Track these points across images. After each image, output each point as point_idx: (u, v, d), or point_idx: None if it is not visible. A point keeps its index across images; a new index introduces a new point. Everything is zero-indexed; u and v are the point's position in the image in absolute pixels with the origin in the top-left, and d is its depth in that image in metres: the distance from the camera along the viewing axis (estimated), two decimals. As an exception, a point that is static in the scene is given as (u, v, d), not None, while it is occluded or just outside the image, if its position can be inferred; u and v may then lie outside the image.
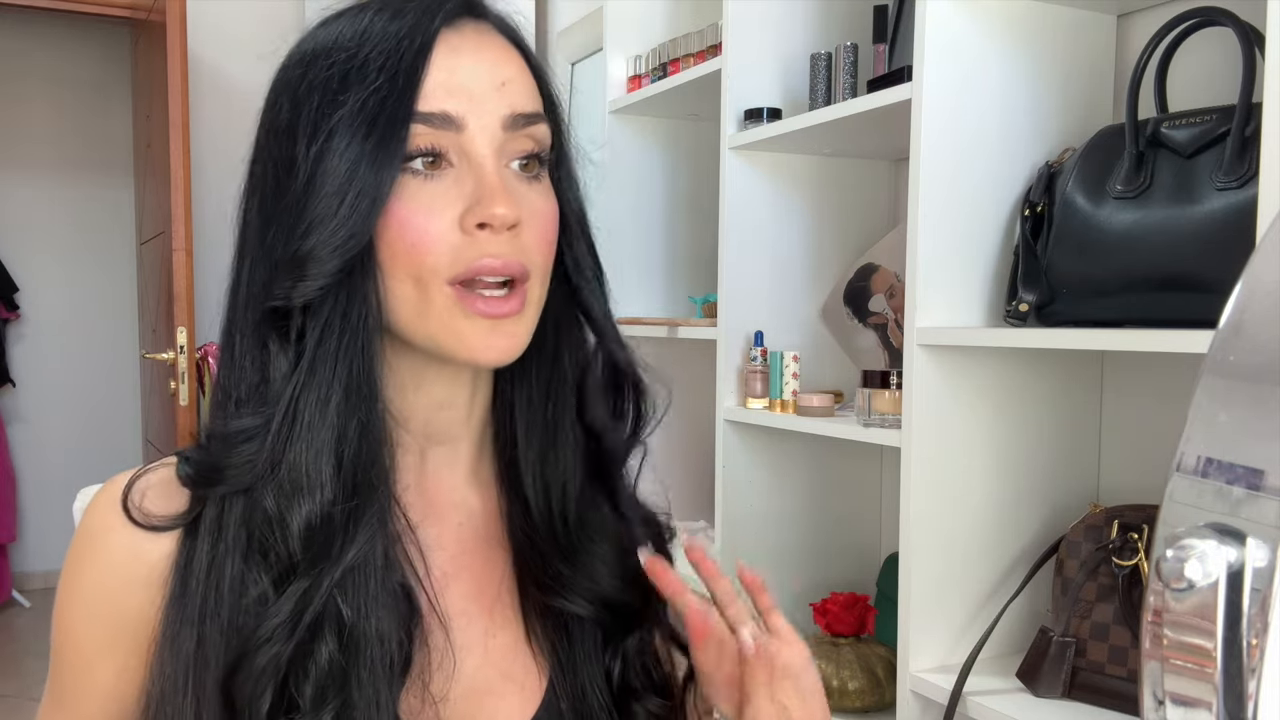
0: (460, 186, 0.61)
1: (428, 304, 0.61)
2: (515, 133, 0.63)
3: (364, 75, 0.60)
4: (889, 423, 1.34)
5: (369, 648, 0.60)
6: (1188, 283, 1.04)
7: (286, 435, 0.60)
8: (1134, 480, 1.32)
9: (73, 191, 4.23)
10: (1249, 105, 1.02)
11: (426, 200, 0.60)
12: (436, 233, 0.60)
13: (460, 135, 0.61)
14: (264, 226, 0.62)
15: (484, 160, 0.61)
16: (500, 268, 0.61)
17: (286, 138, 0.62)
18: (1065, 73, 1.29)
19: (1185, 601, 0.37)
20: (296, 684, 0.59)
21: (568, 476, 0.70)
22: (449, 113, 0.61)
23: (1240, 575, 0.36)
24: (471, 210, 0.60)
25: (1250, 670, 0.36)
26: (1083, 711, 1.14)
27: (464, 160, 0.61)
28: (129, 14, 3.42)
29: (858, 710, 1.50)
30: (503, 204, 0.60)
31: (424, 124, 0.60)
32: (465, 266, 0.60)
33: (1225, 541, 0.36)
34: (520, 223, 0.61)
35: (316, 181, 0.60)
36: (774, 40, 1.64)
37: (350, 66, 0.60)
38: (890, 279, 1.61)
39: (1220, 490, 0.38)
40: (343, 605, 0.60)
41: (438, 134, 0.60)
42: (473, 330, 0.61)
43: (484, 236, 0.60)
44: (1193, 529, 0.37)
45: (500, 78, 0.62)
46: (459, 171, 0.61)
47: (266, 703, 0.58)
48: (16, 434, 4.18)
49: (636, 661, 0.71)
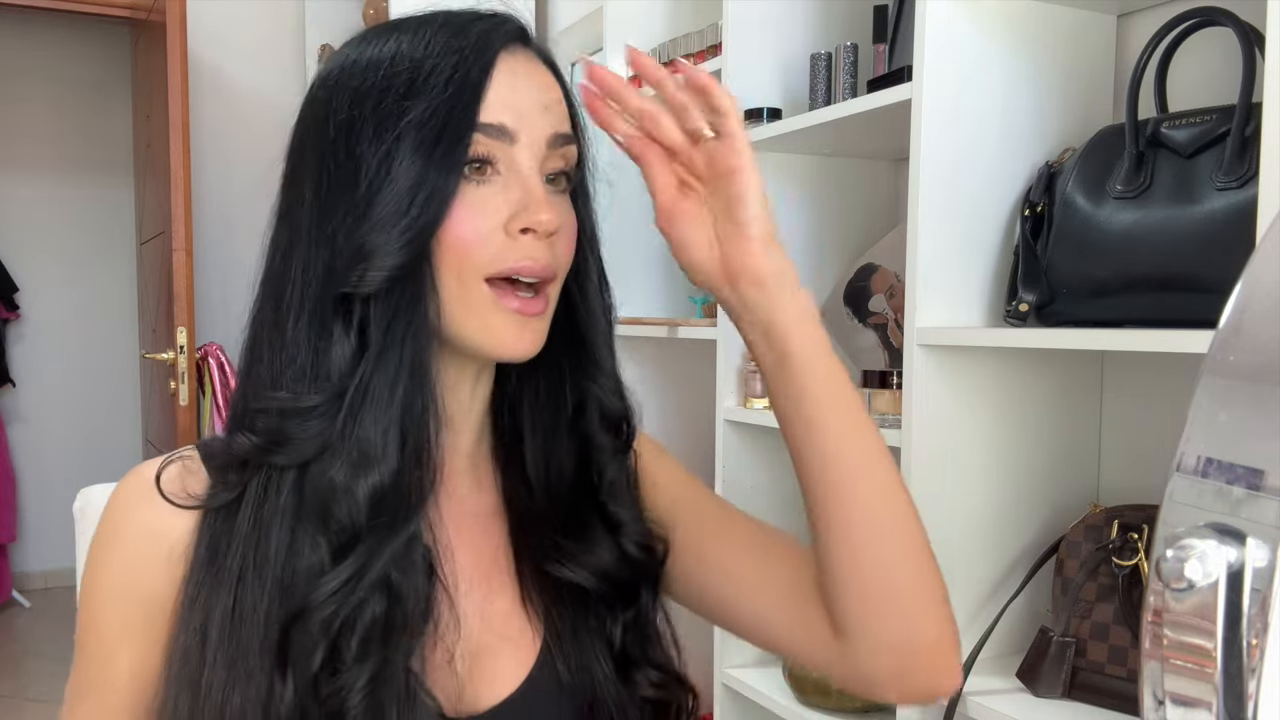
0: (507, 194, 0.67)
1: (467, 298, 0.66)
2: (554, 151, 0.69)
3: (431, 85, 0.65)
4: (889, 423, 1.34)
5: (406, 608, 0.65)
6: (1188, 283, 1.04)
7: (358, 412, 0.65)
8: (1134, 480, 1.32)
9: (73, 191, 4.23)
10: (1249, 105, 1.02)
11: (478, 203, 0.66)
12: (485, 233, 0.66)
13: (512, 147, 0.67)
14: (323, 217, 0.67)
15: (530, 172, 0.68)
16: (538, 270, 0.67)
17: (348, 134, 0.66)
18: (1065, 73, 1.29)
19: (1185, 601, 0.37)
20: (345, 639, 0.64)
21: (565, 464, 0.76)
22: (506, 125, 0.67)
23: (1240, 575, 0.36)
24: (518, 216, 0.67)
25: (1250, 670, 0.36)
26: (1083, 711, 1.14)
27: (511, 170, 0.67)
28: (129, 14, 3.42)
29: (858, 710, 1.50)
30: (547, 212, 0.67)
31: (483, 133, 0.66)
32: (505, 265, 0.66)
33: (1225, 541, 0.36)
34: (557, 232, 0.68)
35: (386, 179, 0.64)
36: (774, 40, 1.64)
37: (416, 76, 0.66)
38: (890, 279, 1.61)
39: (1220, 490, 0.38)
40: (393, 569, 0.65)
41: (493, 144, 0.67)
42: (504, 325, 0.67)
43: (526, 241, 0.67)
44: (1193, 529, 0.37)
45: (546, 100, 0.70)
46: (505, 180, 0.67)
47: (320, 657, 0.63)
48: (16, 434, 4.18)
49: (635, 633, 0.75)
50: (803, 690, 1.52)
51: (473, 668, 0.72)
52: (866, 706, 1.50)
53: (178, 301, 2.79)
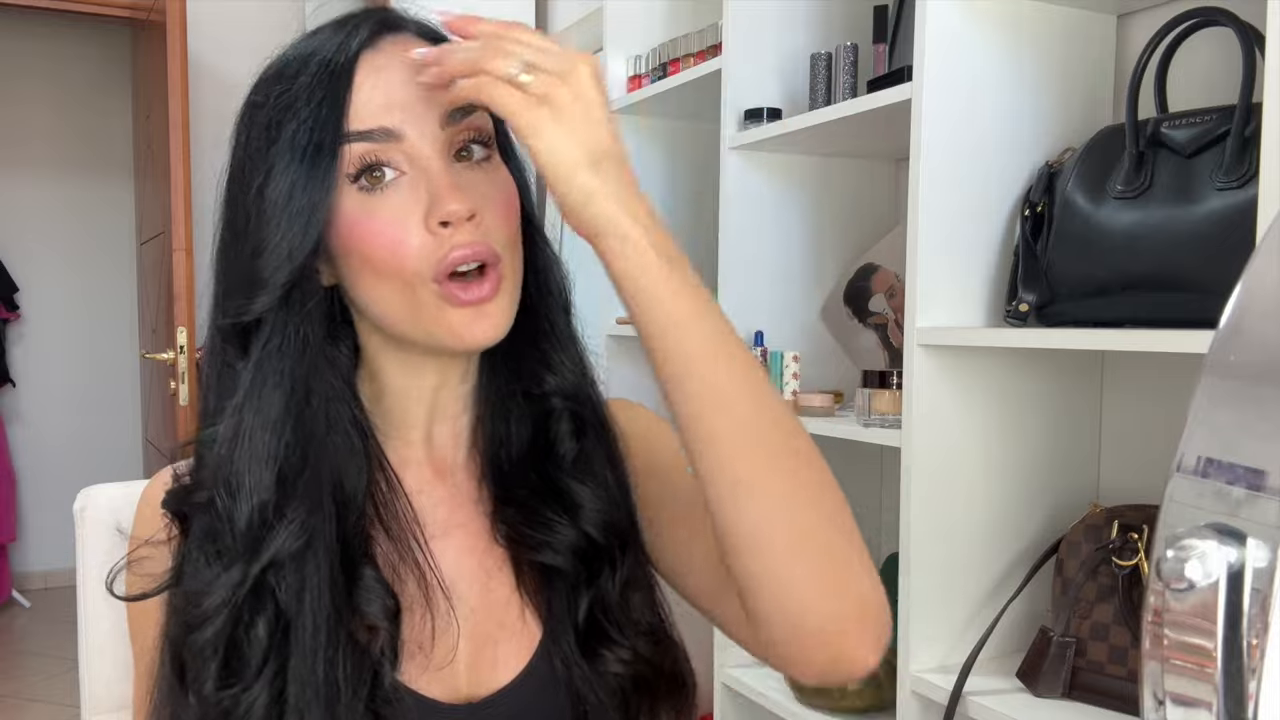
0: (416, 191, 0.66)
1: (417, 304, 0.66)
2: (455, 127, 0.67)
3: (295, 108, 0.65)
4: (889, 423, 1.34)
5: (303, 627, 0.65)
6: (1188, 283, 1.04)
7: (232, 442, 0.66)
8: (1134, 480, 1.32)
9: (73, 191, 4.23)
10: (1249, 105, 1.02)
11: (390, 211, 0.65)
12: (407, 238, 0.65)
13: (404, 144, 0.65)
14: (223, 253, 0.70)
15: (429, 162, 0.66)
16: (470, 255, 0.65)
17: (240, 171, 0.68)
18: (1065, 73, 1.29)
19: (1186, 601, 0.37)
20: (238, 659, 0.65)
21: (522, 441, 0.75)
22: (387, 127, 0.65)
23: (1240, 575, 0.36)
24: (430, 211, 0.65)
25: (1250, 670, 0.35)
26: (1083, 711, 1.14)
27: (414, 166, 0.66)
28: (129, 14, 3.41)
29: (858, 710, 1.50)
30: (454, 200, 0.65)
31: (368, 141, 0.65)
32: (440, 262, 0.65)
33: (1225, 542, 0.36)
34: (478, 211, 0.66)
35: (262, 208, 0.65)
36: (774, 40, 1.64)
37: (283, 102, 0.66)
38: (890, 279, 1.61)
39: (1220, 490, 0.38)
40: (278, 590, 0.65)
41: (382, 148, 0.65)
42: (459, 320, 0.66)
43: (448, 232, 0.65)
44: (1193, 529, 0.37)
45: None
46: (412, 177, 0.66)
47: (211, 676, 0.65)
48: (16, 434, 4.18)
49: (602, 610, 0.73)
50: (802, 690, 1.53)
51: (475, 656, 0.72)
52: (866, 706, 1.50)
53: (178, 301, 2.79)
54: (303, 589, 0.65)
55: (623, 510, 0.75)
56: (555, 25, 2.67)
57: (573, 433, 0.75)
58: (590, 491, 0.74)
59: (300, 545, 0.65)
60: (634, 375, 2.09)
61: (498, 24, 0.62)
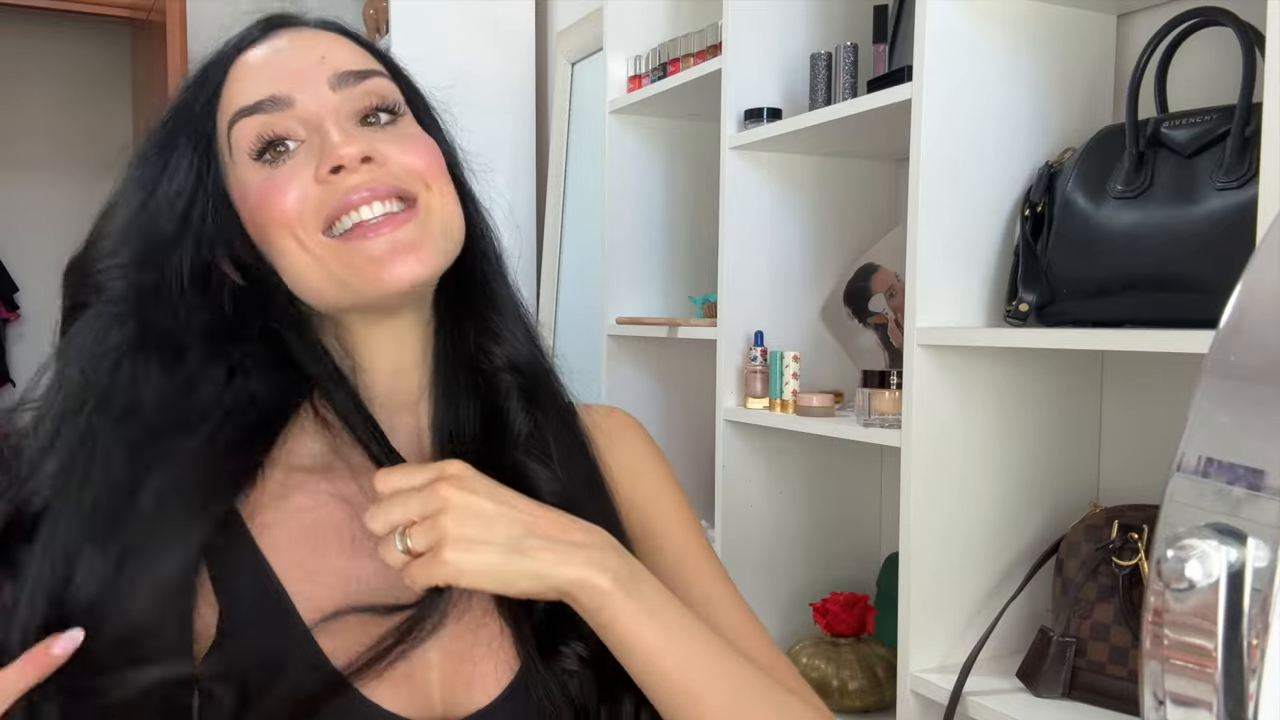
0: (311, 151, 0.66)
1: (318, 260, 0.65)
2: (349, 90, 0.67)
3: (171, 105, 0.69)
4: (889, 423, 1.34)
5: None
6: (1188, 283, 1.04)
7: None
8: (1134, 480, 1.32)
9: (73, 191, 4.23)
10: (1249, 105, 1.02)
11: (286, 173, 0.65)
12: (298, 193, 0.64)
13: (294, 109, 0.66)
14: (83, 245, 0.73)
15: (322, 119, 0.66)
16: (369, 195, 0.64)
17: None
18: (1065, 73, 1.29)
19: (1186, 601, 0.37)
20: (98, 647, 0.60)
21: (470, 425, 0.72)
22: (275, 94, 0.66)
23: (1241, 575, 0.36)
24: (320, 161, 0.64)
25: (1250, 670, 0.35)
26: (1083, 711, 1.14)
27: (309, 129, 0.66)
28: (129, 14, 3.41)
29: (858, 710, 1.50)
30: (346, 143, 0.64)
31: (260, 113, 0.66)
32: (332, 208, 0.64)
33: (1226, 541, 0.36)
34: (375, 156, 0.65)
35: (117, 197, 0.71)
36: (774, 40, 1.64)
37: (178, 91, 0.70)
38: (890, 279, 1.61)
39: (1221, 490, 0.38)
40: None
41: (273, 118, 0.66)
42: (369, 259, 0.64)
43: (338, 179, 0.64)
44: (1193, 529, 0.37)
45: (317, 53, 0.68)
46: (308, 143, 0.66)
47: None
48: (16, 434, 4.18)
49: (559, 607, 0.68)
50: (803, 690, 1.52)
51: (452, 673, 0.67)
52: (866, 706, 1.50)
53: (178, 301, 2.79)
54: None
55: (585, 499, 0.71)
56: (555, 25, 2.67)
57: (525, 409, 0.72)
58: (546, 471, 0.70)
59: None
60: (634, 375, 2.09)
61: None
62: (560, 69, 2.57)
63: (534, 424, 0.72)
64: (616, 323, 2.03)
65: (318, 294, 0.67)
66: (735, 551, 1.65)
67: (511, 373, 0.72)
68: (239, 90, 0.67)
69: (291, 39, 0.69)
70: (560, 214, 2.54)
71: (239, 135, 0.67)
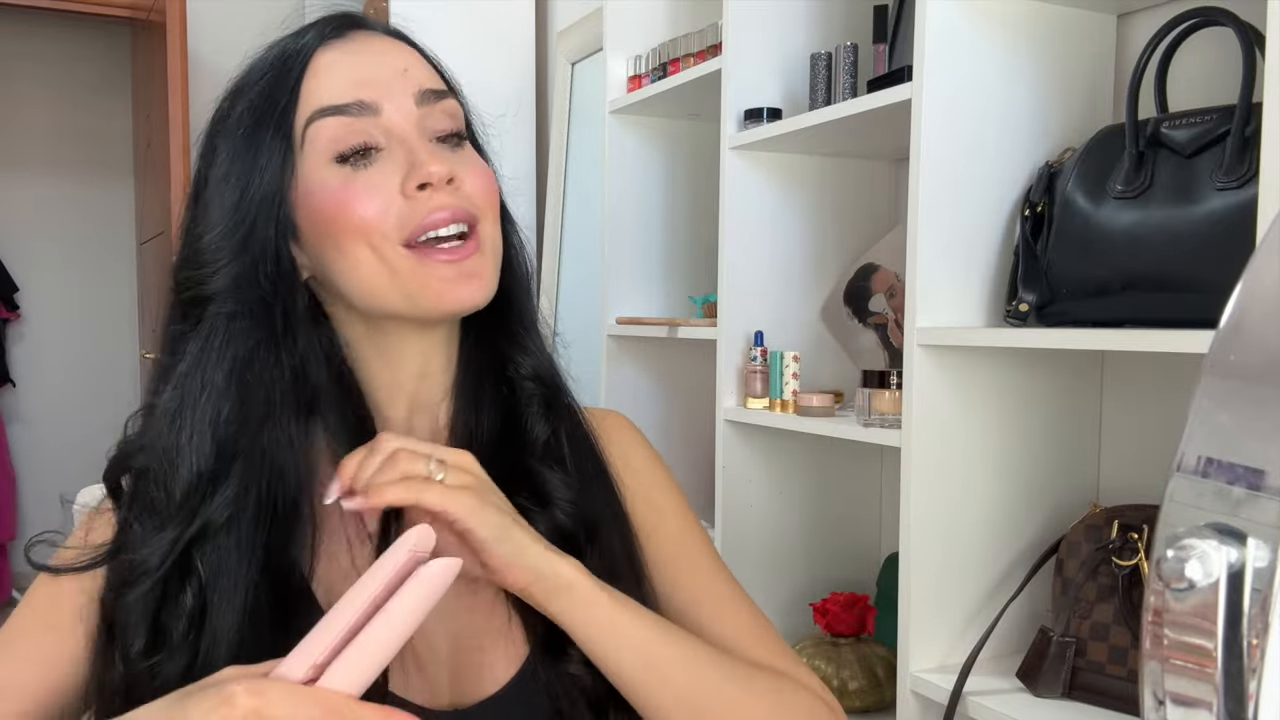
0: (394, 162, 0.67)
1: (391, 270, 0.67)
2: (429, 108, 0.69)
3: (248, 95, 0.69)
4: (889, 423, 1.34)
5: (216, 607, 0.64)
6: (1188, 283, 1.04)
7: (176, 411, 0.66)
8: (1134, 480, 1.32)
9: (73, 191, 4.23)
10: (1249, 105, 1.02)
11: (367, 181, 0.67)
12: (383, 204, 0.66)
13: (379, 118, 0.67)
14: (184, 232, 0.71)
15: (407, 133, 0.68)
16: (449, 217, 0.67)
17: (201, 160, 0.71)
18: (1065, 73, 1.29)
19: (1185, 601, 0.37)
20: (167, 624, 0.64)
21: (490, 430, 0.75)
22: (363, 100, 0.67)
23: (1241, 575, 0.36)
24: (409, 176, 0.67)
25: (1250, 670, 0.35)
26: (1083, 711, 1.14)
27: (392, 140, 0.68)
28: (129, 14, 3.42)
29: (858, 710, 1.50)
30: (435, 162, 0.66)
31: (343, 115, 0.67)
32: (416, 225, 0.66)
33: (1226, 541, 0.36)
34: (456, 176, 0.68)
35: (211, 186, 0.68)
36: (774, 40, 1.64)
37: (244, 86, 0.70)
38: (890, 279, 1.61)
39: (1221, 490, 0.38)
40: (200, 562, 0.65)
41: (360, 123, 0.67)
42: (440, 278, 0.67)
43: (424, 196, 0.66)
44: (1193, 529, 0.37)
45: (400, 65, 0.70)
46: (389, 151, 0.67)
47: (140, 638, 0.64)
48: (16, 434, 4.18)
49: None
50: (803, 690, 1.52)
51: (461, 665, 0.70)
52: (866, 706, 1.50)
53: (178, 301, 2.79)
54: (220, 570, 0.65)
55: (597, 499, 0.74)
56: (555, 25, 2.67)
57: (545, 417, 0.75)
58: (560, 479, 0.73)
59: (225, 519, 0.65)
60: (634, 375, 2.09)
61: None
62: (560, 69, 2.57)
63: (551, 432, 0.75)
64: (616, 323, 2.03)
65: (378, 300, 0.68)
66: (735, 551, 1.65)
67: (535, 382, 0.75)
68: (322, 87, 0.68)
69: (372, 44, 0.70)
70: (560, 214, 2.54)
71: (317, 133, 0.67)
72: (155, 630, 0.64)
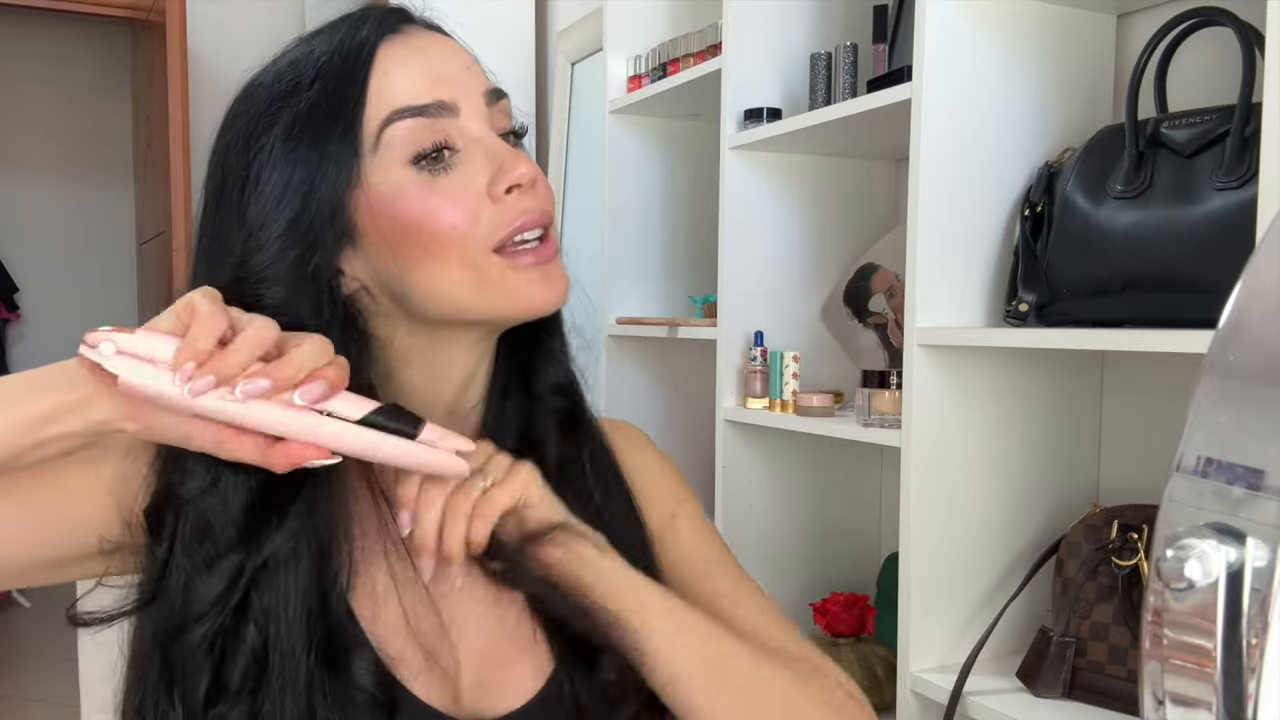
0: (474, 165, 0.65)
1: (480, 277, 0.64)
2: (495, 107, 0.68)
3: (302, 96, 0.63)
4: (889, 423, 1.34)
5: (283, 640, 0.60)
6: (1188, 283, 1.04)
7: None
8: (1134, 480, 1.32)
9: (73, 191, 4.23)
10: (1249, 105, 1.02)
11: (450, 186, 0.64)
12: (471, 209, 0.64)
13: (458, 119, 0.65)
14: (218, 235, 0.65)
15: (485, 134, 0.66)
16: (538, 219, 0.66)
17: (230, 169, 0.65)
18: (1065, 73, 1.29)
19: (1185, 601, 0.37)
20: (228, 667, 0.60)
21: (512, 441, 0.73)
22: (443, 100, 0.64)
23: (1240, 575, 0.36)
24: (496, 178, 0.64)
25: (1250, 670, 0.35)
26: (1083, 711, 1.14)
27: (469, 142, 0.65)
28: (129, 14, 3.42)
29: (858, 710, 1.50)
30: (523, 164, 0.65)
31: (423, 116, 0.64)
32: (505, 230, 0.64)
33: (1225, 541, 0.36)
34: (538, 179, 0.66)
35: (262, 199, 0.63)
36: (774, 40, 1.64)
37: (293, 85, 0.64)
38: (890, 279, 1.61)
39: (1220, 490, 0.38)
40: (255, 595, 0.60)
41: (441, 124, 0.64)
42: (528, 281, 0.65)
43: (512, 199, 0.65)
44: (1193, 529, 0.37)
45: (462, 63, 0.68)
46: (467, 153, 0.65)
47: (205, 680, 0.59)
48: (16, 434, 4.18)
49: None
50: (803, 690, 1.52)
51: (485, 679, 0.69)
52: (866, 706, 1.50)
53: (178, 301, 2.79)
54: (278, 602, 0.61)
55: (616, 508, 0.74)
56: (555, 25, 2.67)
57: (567, 426, 0.74)
58: (580, 489, 0.72)
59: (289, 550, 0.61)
60: (634, 375, 2.09)
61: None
62: (560, 69, 2.57)
63: (573, 443, 0.74)
64: (616, 323, 2.03)
65: (458, 307, 0.66)
66: (735, 551, 1.64)
67: (558, 394, 0.75)
68: (396, 85, 0.64)
69: (432, 40, 0.67)
70: (560, 214, 2.54)
71: (394, 135, 0.63)
72: (217, 676, 0.60)
